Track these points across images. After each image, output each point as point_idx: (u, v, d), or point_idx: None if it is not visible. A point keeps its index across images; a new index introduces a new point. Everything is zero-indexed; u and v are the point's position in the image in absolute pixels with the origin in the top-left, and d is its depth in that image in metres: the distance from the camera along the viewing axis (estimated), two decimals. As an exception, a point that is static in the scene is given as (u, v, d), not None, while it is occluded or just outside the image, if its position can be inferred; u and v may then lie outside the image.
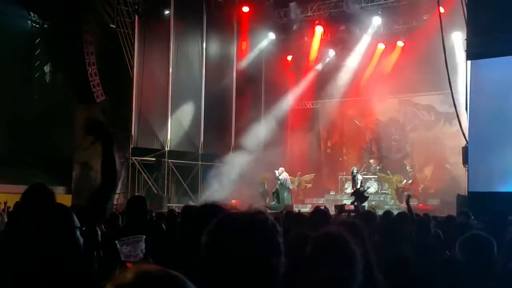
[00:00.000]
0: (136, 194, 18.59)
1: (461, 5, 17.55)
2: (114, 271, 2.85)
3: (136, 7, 20.77)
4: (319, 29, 24.19)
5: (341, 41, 23.91)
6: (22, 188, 3.61)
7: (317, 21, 23.96)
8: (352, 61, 23.76)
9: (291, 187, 22.08)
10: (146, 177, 21.45)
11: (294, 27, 24.52)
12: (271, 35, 24.82)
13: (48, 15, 20.54)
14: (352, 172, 20.93)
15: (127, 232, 4.54)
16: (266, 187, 22.94)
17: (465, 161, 17.21)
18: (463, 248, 3.78)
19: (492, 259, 3.74)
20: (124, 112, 20.74)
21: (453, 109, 18.55)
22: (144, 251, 3.00)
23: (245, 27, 24.32)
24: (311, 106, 25.67)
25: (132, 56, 20.90)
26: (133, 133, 20.92)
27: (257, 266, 1.77)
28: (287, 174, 21.74)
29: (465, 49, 17.58)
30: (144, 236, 3.08)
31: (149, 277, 1.30)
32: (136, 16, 20.94)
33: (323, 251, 2.41)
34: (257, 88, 25.19)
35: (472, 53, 16.84)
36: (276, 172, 21.41)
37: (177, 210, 12.08)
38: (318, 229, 2.66)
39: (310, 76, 24.96)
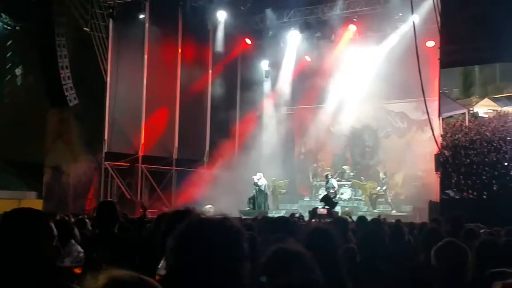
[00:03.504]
0: (108, 199, 18.38)
1: (434, 14, 17.83)
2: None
3: (111, 10, 20.58)
4: (295, 35, 24.31)
5: (317, 47, 24.02)
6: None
7: (292, 27, 24.08)
8: (327, 68, 23.85)
9: (269, 193, 22.07)
10: (119, 182, 21.24)
11: (270, 33, 24.58)
12: (247, 41, 24.85)
13: (20, 17, 20.25)
14: (326, 177, 21.01)
15: (97, 239, 4.45)
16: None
17: (437, 168, 17.42)
18: (437, 255, 3.80)
19: (465, 266, 3.76)
20: (97, 116, 20.52)
21: (426, 116, 18.78)
22: (81, 251, 2.96)
23: (220, 33, 24.30)
24: (286, 112, 25.70)
25: (106, 60, 20.70)
26: (106, 138, 20.69)
27: (221, 271, 1.80)
28: (265, 180, 21.68)
29: (439, 57, 17.85)
30: (72, 240, 3.04)
31: (121, 282, 1.33)
32: (111, 20, 20.75)
33: (278, 264, 2.46)
34: (232, 94, 25.16)
35: (446, 62, 17.11)
36: (254, 177, 21.30)
37: (149, 215, 11.98)
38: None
39: (286, 82, 25.03)
